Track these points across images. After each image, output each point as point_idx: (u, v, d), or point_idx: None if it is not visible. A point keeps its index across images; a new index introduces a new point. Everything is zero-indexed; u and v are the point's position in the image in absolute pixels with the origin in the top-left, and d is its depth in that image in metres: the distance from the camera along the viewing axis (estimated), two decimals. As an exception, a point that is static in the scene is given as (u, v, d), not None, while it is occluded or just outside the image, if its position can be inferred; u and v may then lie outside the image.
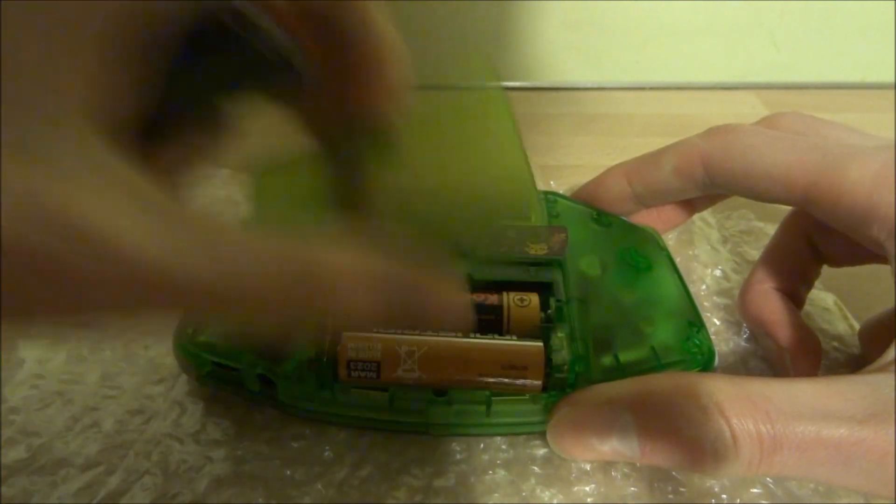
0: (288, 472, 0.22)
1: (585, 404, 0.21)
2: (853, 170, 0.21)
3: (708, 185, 0.25)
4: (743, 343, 0.27)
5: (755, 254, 0.31)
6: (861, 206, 0.21)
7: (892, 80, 0.49)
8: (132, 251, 0.12)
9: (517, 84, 0.49)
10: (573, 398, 0.21)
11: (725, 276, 0.30)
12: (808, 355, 0.24)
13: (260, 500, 0.21)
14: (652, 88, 0.49)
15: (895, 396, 0.18)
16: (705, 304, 0.28)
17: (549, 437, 0.21)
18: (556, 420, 0.21)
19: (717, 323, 0.27)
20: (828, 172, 0.22)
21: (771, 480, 0.22)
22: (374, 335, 0.22)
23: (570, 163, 0.40)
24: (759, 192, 0.24)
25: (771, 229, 0.33)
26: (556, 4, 0.46)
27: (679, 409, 0.19)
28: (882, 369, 0.20)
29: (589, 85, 0.49)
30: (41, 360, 0.25)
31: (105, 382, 0.25)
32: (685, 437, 0.19)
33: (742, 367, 0.26)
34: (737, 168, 0.24)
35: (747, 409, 0.18)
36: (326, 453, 0.22)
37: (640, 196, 0.27)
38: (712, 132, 0.25)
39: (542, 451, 0.23)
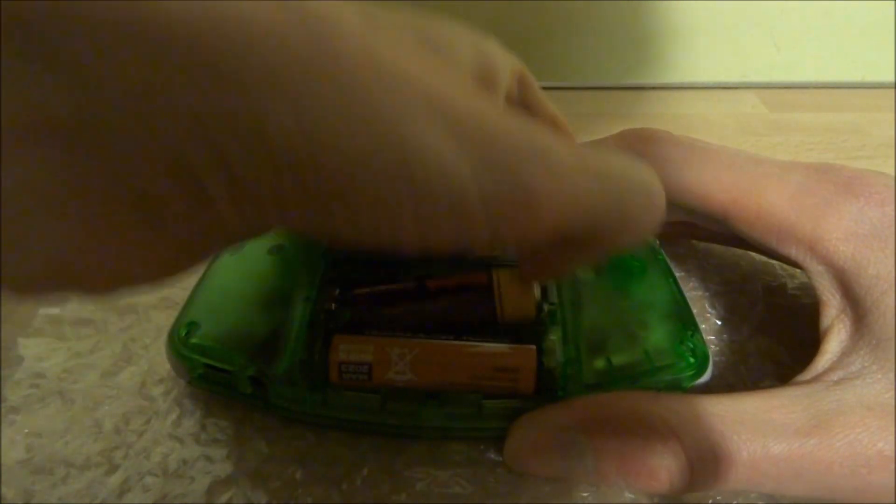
0: (289, 473, 0.22)
1: (542, 427, 0.21)
2: (770, 192, 0.22)
3: None
4: (743, 342, 0.27)
5: (753, 254, 0.31)
6: (779, 227, 0.22)
7: (892, 80, 0.49)
8: None
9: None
10: (530, 419, 0.21)
11: (722, 277, 0.30)
12: None
13: (261, 501, 0.21)
14: (652, 88, 0.49)
15: (832, 407, 0.19)
16: (706, 304, 0.28)
17: (504, 456, 0.21)
18: (513, 440, 0.21)
19: (719, 323, 0.27)
20: (745, 192, 0.23)
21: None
22: (366, 337, 0.22)
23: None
24: (678, 204, 0.24)
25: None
26: (556, 4, 0.46)
27: (634, 434, 0.19)
28: (815, 380, 0.20)
29: (589, 85, 0.49)
30: (41, 358, 0.25)
31: (105, 382, 0.25)
32: (641, 461, 0.19)
33: (742, 365, 0.26)
34: None
35: (700, 431, 0.19)
36: (327, 453, 0.22)
37: None
38: (628, 138, 0.26)
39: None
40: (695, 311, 0.25)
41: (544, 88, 0.24)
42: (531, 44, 0.48)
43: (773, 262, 0.30)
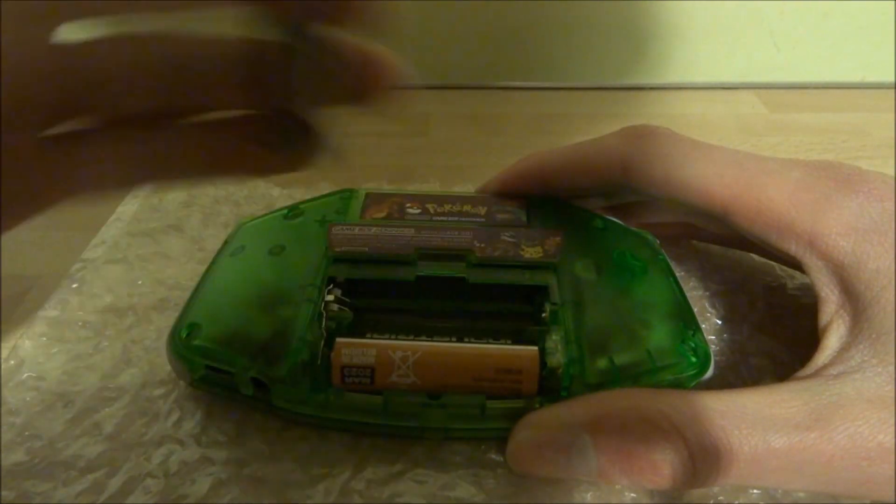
0: (290, 474, 0.22)
1: (544, 426, 0.21)
2: (770, 188, 0.22)
3: (625, 188, 0.26)
4: (743, 341, 0.27)
5: (753, 255, 0.31)
6: (778, 223, 0.22)
7: (892, 80, 0.49)
8: None
9: (518, 84, 0.49)
10: (532, 420, 0.21)
11: (722, 277, 0.30)
12: None
13: (262, 503, 0.21)
14: (652, 88, 0.49)
15: (832, 400, 0.19)
16: (706, 304, 0.28)
17: (507, 456, 0.21)
18: (515, 440, 0.21)
19: (719, 323, 0.27)
20: (745, 188, 0.23)
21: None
22: (368, 340, 0.22)
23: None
24: (678, 200, 0.24)
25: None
26: (557, 4, 0.46)
27: (636, 430, 0.19)
28: (815, 375, 0.21)
29: (589, 85, 0.49)
30: (41, 361, 0.25)
31: (106, 384, 0.25)
32: (644, 457, 0.19)
33: (742, 365, 0.26)
34: (657, 175, 0.24)
35: (702, 427, 0.19)
36: (329, 455, 0.22)
37: (553, 191, 0.28)
38: (630, 135, 0.26)
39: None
40: (695, 310, 0.25)
41: (544, 89, 0.24)
42: (531, 44, 0.48)
43: (773, 262, 0.30)
